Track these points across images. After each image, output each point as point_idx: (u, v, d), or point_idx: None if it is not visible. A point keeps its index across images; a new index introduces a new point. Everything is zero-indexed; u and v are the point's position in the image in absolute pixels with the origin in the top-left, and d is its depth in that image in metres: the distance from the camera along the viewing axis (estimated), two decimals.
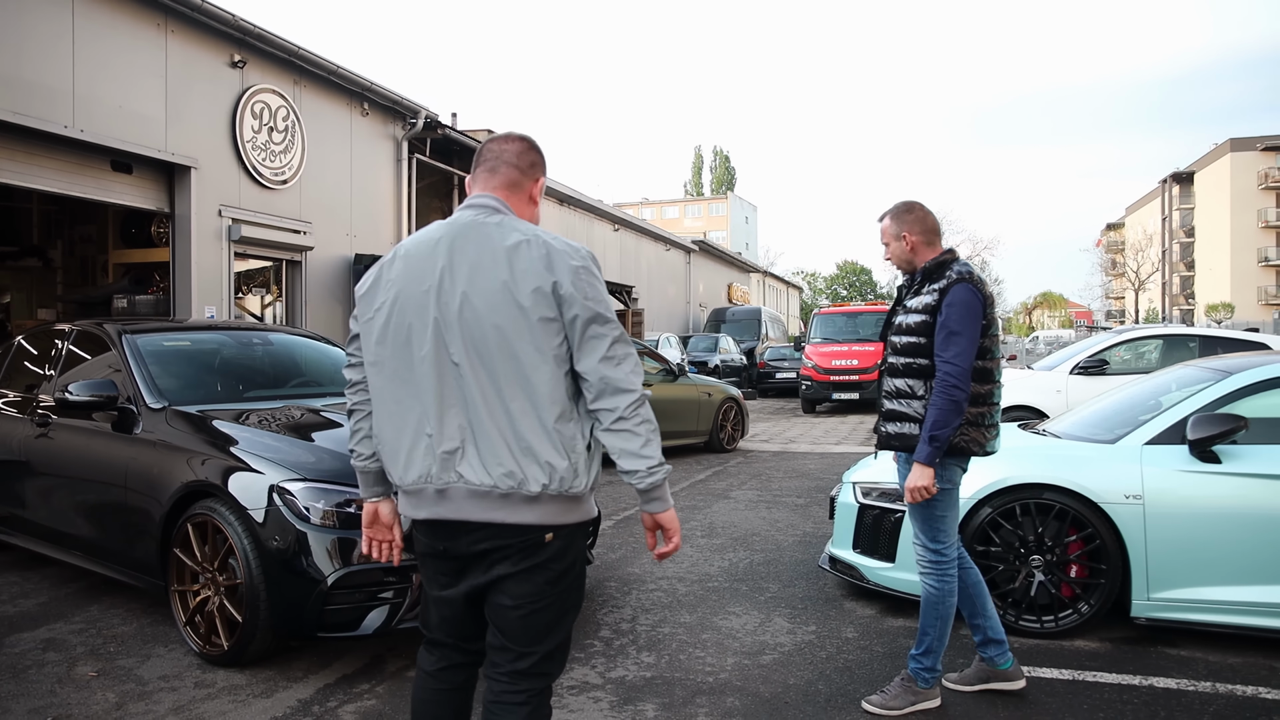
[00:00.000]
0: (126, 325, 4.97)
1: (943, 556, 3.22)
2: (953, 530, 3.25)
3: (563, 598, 2.08)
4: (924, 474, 3.08)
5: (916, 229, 3.29)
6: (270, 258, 11.31)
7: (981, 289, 3.13)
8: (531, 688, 2.07)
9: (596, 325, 1.99)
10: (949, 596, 3.22)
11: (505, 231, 2.02)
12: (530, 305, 1.95)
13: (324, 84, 11.79)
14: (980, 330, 3.08)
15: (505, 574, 2.02)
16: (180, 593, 3.91)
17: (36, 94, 8.02)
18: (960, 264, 3.21)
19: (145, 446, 4.19)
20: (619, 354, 2.00)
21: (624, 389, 1.99)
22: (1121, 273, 67.93)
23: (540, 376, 1.97)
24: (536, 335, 1.96)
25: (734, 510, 7.17)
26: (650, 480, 2.03)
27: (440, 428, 2.01)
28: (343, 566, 3.53)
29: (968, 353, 3.04)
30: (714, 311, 29.98)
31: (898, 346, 3.24)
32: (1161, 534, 3.79)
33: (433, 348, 2.01)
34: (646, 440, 2.01)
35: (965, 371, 3.03)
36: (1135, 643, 3.91)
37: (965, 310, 3.06)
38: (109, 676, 3.61)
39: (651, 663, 3.77)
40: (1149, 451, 3.93)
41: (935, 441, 3.04)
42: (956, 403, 3.03)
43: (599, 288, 2.02)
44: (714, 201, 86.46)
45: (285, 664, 3.73)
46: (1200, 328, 15.58)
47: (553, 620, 2.07)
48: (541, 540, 2.01)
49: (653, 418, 2.04)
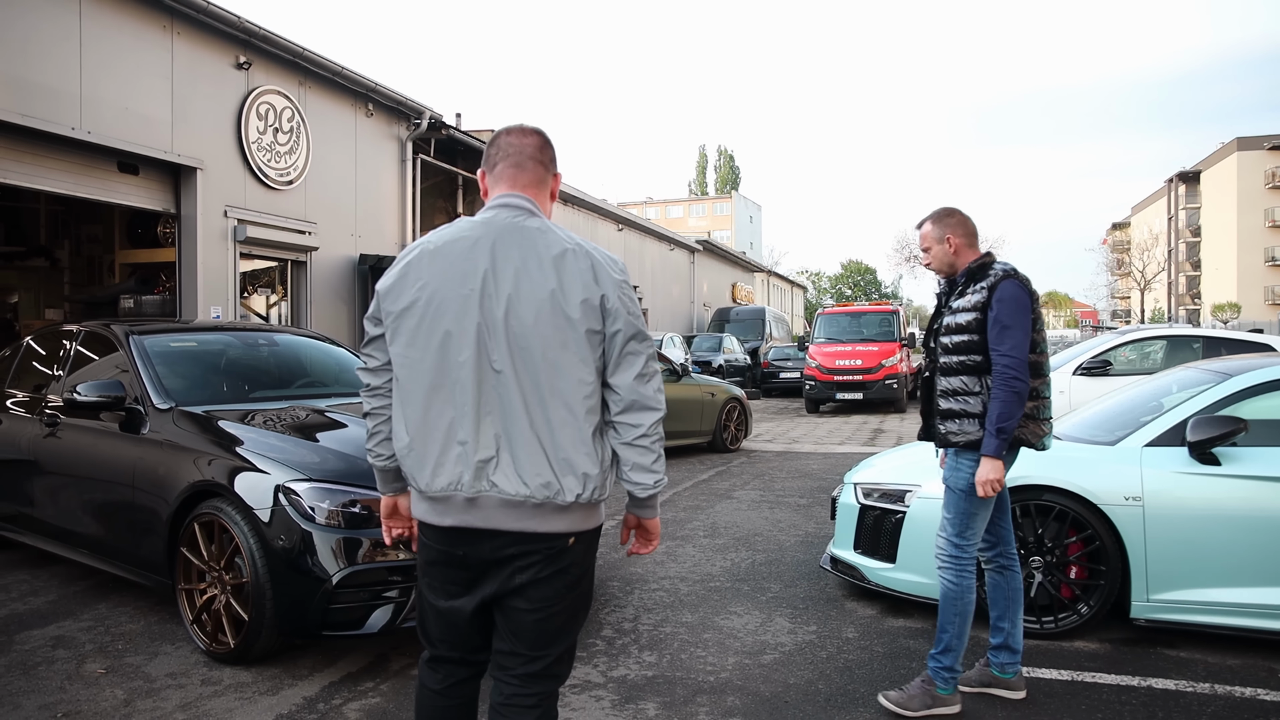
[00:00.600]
0: (134, 326, 5.01)
1: (964, 553, 3.24)
2: (981, 528, 3.26)
3: (577, 601, 2.09)
4: (994, 466, 3.10)
5: (959, 232, 3.35)
6: (275, 258, 11.37)
7: (1028, 284, 3.22)
8: (543, 690, 2.06)
9: (636, 342, 2.00)
10: (967, 593, 3.23)
11: (549, 238, 1.99)
12: (579, 317, 1.94)
13: (329, 85, 11.85)
14: (1030, 324, 3.15)
15: (526, 581, 2.00)
16: (187, 591, 3.95)
17: (43, 96, 8.08)
18: (1003, 263, 3.29)
19: (152, 446, 4.24)
20: (650, 371, 2.02)
21: (652, 407, 2.01)
22: (1127, 272, 67.75)
23: (582, 389, 1.96)
24: (582, 347, 1.95)
25: (736, 510, 7.20)
26: (652, 493, 2.08)
27: (476, 435, 1.96)
28: (347, 566, 3.56)
29: (1023, 345, 3.10)
30: (718, 311, 30.00)
31: (949, 346, 3.27)
32: (1161, 536, 3.81)
33: (474, 353, 1.95)
34: (658, 456, 2.05)
35: (1022, 362, 3.09)
36: (1134, 644, 3.93)
37: (1015, 304, 3.13)
38: (117, 674, 3.66)
39: (653, 662, 3.80)
40: (1149, 453, 3.94)
41: (1003, 433, 3.07)
42: (1018, 393, 3.08)
43: (634, 301, 2.02)
44: (718, 201, 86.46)
45: (291, 662, 3.77)
46: (1204, 328, 15.56)
47: (565, 623, 2.07)
48: (565, 546, 2.01)
49: (663, 433, 2.07)
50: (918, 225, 3.49)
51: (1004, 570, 3.42)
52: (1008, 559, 3.41)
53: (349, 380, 5.44)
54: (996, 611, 3.41)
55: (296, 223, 11.27)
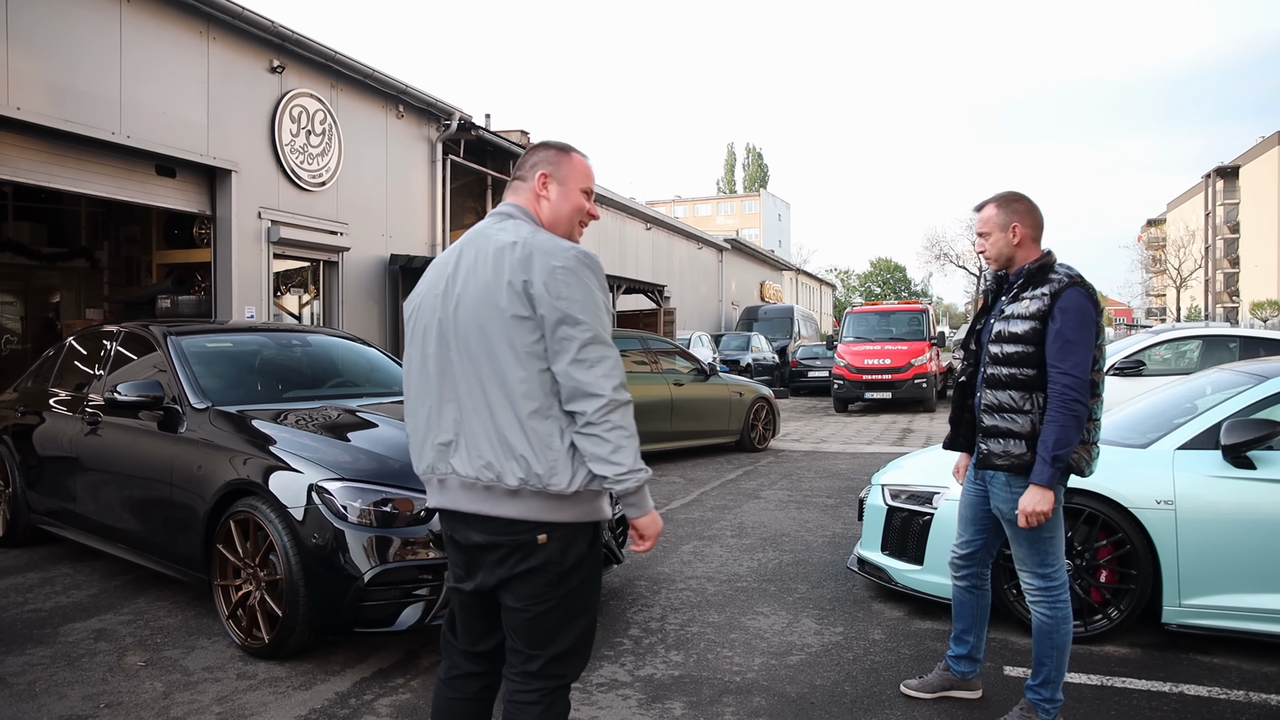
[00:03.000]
0: (172, 327, 5.13)
1: (1053, 581, 2.98)
2: (1061, 552, 3.01)
3: (567, 600, 2.09)
4: (1045, 497, 2.82)
5: (1027, 221, 3.00)
6: (308, 258, 11.53)
7: (1094, 294, 2.90)
8: (543, 688, 2.11)
9: (566, 326, 2.00)
10: (1063, 624, 2.98)
11: (502, 235, 2.11)
12: (505, 304, 2.03)
13: (360, 87, 11.99)
14: (1094, 339, 2.86)
15: (507, 576, 2.09)
16: (223, 587, 4.04)
17: (85, 102, 8.28)
18: (1065, 266, 2.95)
19: (189, 445, 4.34)
20: (590, 356, 2.00)
21: (592, 393, 1.99)
22: (1163, 269, 66.53)
23: (514, 373, 2.03)
24: (510, 332, 2.02)
25: (764, 510, 7.20)
26: (621, 487, 2.02)
27: (439, 421, 2.14)
28: (379, 564, 3.62)
29: (1086, 363, 2.80)
30: (746, 310, 29.93)
31: (1000, 356, 2.97)
32: (1193, 540, 3.77)
33: (437, 346, 2.15)
34: (617, 446, 1.99)
35: (1085, 384, 2.79)
36: (1166, 649, 3.89)
37: (1081, 317, 2.82)
38: (156, 666, 3.75)
39: (680, 661, 3.82)
40: (1181, 456, 3.90)
41: (1058, 461, 2.79)
42: (1078, 417, 2.79)
43: (577, 288, 2.01)
44: (746, 199, 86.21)
45: (323, 658, 3.85)
46: (1242, 328, 15.27)
47: (558, 622, 2.10)
48: (534, 541, 2.05)
49: (629, 424, 2.02)
50: (977, 207, 3.12)
51: (975, 590, 3.30)
52: (982, 579, 3.30)
53: (380, 380, 5.53)
54: (962, 625, 3.34)
55: (328, 223, 11.42)
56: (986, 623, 3.39)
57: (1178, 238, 63.75)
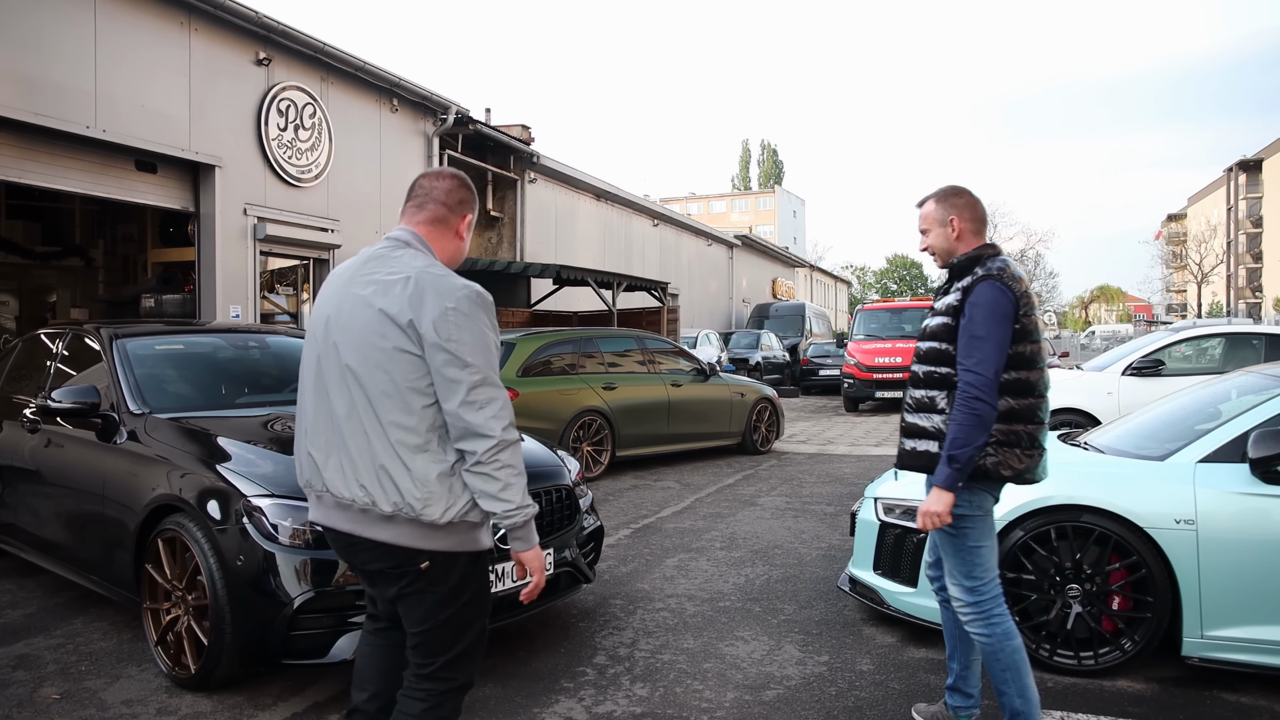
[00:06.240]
0: (120, 329, 4.82)
1: (981, 595, 2.81)
2: (990, 564, 2.83)
3: (460, 615, 2.18)
4: (941, 499, 2.69)
5: (967, 215, 2.90)
6: (297, 256, 11.25)
7: (1013, 287, 2.73)
8: (433, 689, 2.21)
9: (455, 369, 2.03)
10: (1005, 640, 2.77)
11: (396, 265, 2.13)
12: (392, 338, 2.06)
13: (352, 80, 11.70)
14: (1010, 335, 2.70)
15: (397, 595, 2.19)
16: (152, 610, 3.72)
17: (58, 95, 8.01)
18: (995, 260, 2.81)
19: (123, 456, 4.02)
20: (480, 399, 2.03)
21: (481, 434, 2.03)
22: (1183, 265, 65.41)
23: (394, 405, 2.06)
24: (394, 366, 2.06)
25: (759, 519, 6.83)
26: (508, 522, 2.09)
27: (314, 438, 2.20)
28: (311, 588, 3.30)
29: (992, 359, 2.66)
30: (757, 307, 29.50)
31: (920, 353, 2.90)
32: (1217, 564, 3.37)
33: (316, 368, 2.20)
34: (505, 485, 2.05)
35: (990, 382, 2.65)
36: (1187, 685, 3.49)
37: (991, 311, 2.68)
38: (72, 700, 3.44)
39: (644, 696, 3.47)
40: (1203, 470, 3.50)
41: (954, 462, 2.65)
42: (979, 417, 2.64)
43: (467, 330, 2.04)
44: (761, 195, 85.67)
45: (256, 690, 3.52)
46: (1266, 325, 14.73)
47: (451, 636, 2.18)
48: (417, 568, 2.12)
49: (517, 463, 2.08)
50: (919, 203, 3.02)
51: (949, 605, 3.04)
52: None
53: None
54: (948, 649, 3.07)
55: (319, 220, 11.14)
56: (971, 647, 3.01)
57: (1199, 233, 62.60)
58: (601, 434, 8.93)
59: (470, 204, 2.32)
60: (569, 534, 4.10)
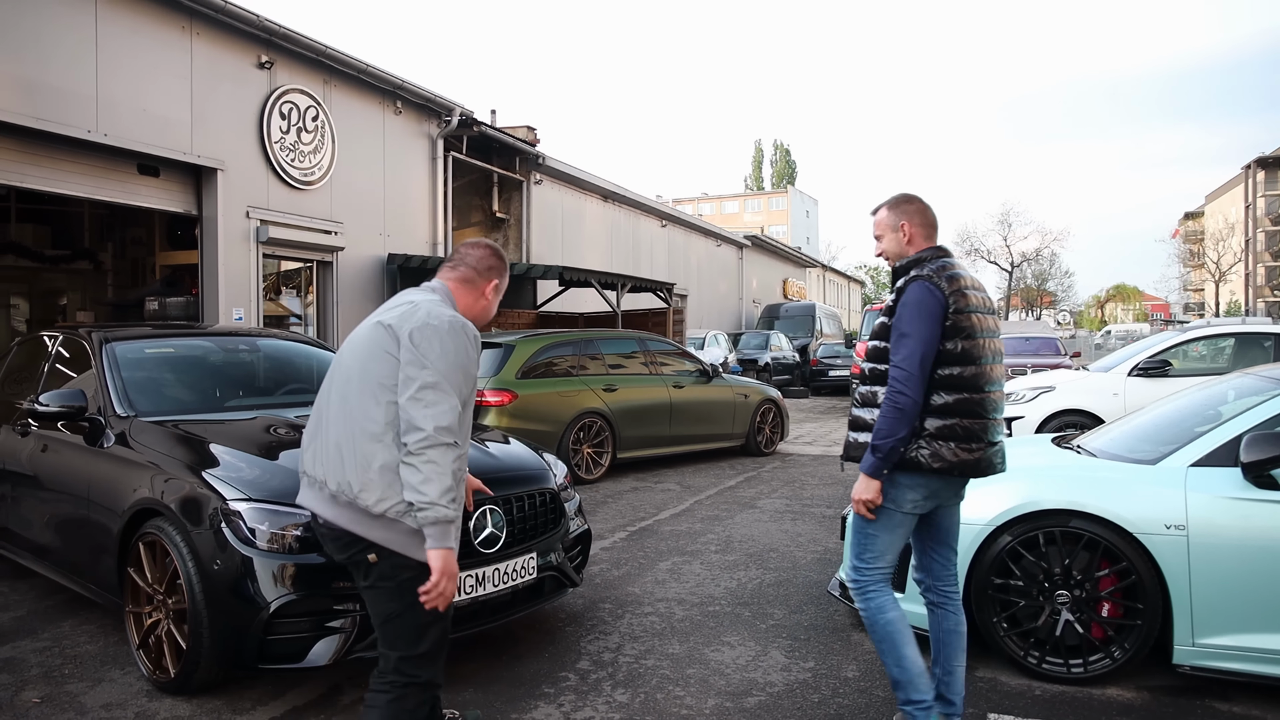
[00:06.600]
0: (110, 332, 4.82)
1: (863, 576, 2.97)
2: (882, 553, 2.96)
3: (409, 616, 2.35)
4: (866, 486, 2.85)
5: (917, 220, 3.02)
6: (300, 258, 11.28)
7: (942, 287, 2.84)
8: (394, 682, 2.38)
9: (414, 368, 2.30)
10: (877, 615, 2.94)
11: (414, 298, 2.49)
12: (382, 343, 2.37)
13: (354, 83, 11.72)
14: (937, 332, 2.81)
15: (361, 589, 2.43)
16: (135, 614, 3.72)
17: (59, 99, 8.05)
18: (934, 262, 2.92)
19: (108, 459, 4.02)
20: (426, 398, 2.27)
21: (418, 427, 2.25)
22: (1201, 264, 64.71)
23: (366, 395, 2.34)
24: (375, 363, 2.36)
25: (756, 522, 6.78)
26: (422, 515, 2.25)
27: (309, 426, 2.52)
28: (289, 593, 3.27)
29: (915, 355, 2.79)
30: (767, 308, 29.41)
31: (867, 351, 3.06)
32: (1209, 571, 3.30)
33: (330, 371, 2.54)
34: (427, 478, 2.23)
35: (912, 376, 2.79)
36: (1178, 694, 3.42)
37: (917, 309, 2.82)
38: (51, 704, 3.43)
39: (624, 703, 3.43)
40: (1195, 474, 3.43)
41: (877, 451, 2.81)
42: (901, 410, 2.78)
43: (436, 344, 2.32)
44: (774, 195, 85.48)
45: (235, 694, 3.51)
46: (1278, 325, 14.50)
47: (406, 630, 2.37)
48: (366, 560, 2.36)
49: (446, 464, 2.25)
50: (873, 211, 3.15)
51: (933, 608, 3.08)
52: (938, 595, 3.07)
53: None
54: (932, 654, 3.06)
55: (322, 223, 11.17)
56: (955, 653, 3.01)
57: (1216, 231, 61.94)
58: (602, 436, 8.90)
59: (498, 271, 2.66)
60: (553, 538, 4.06)
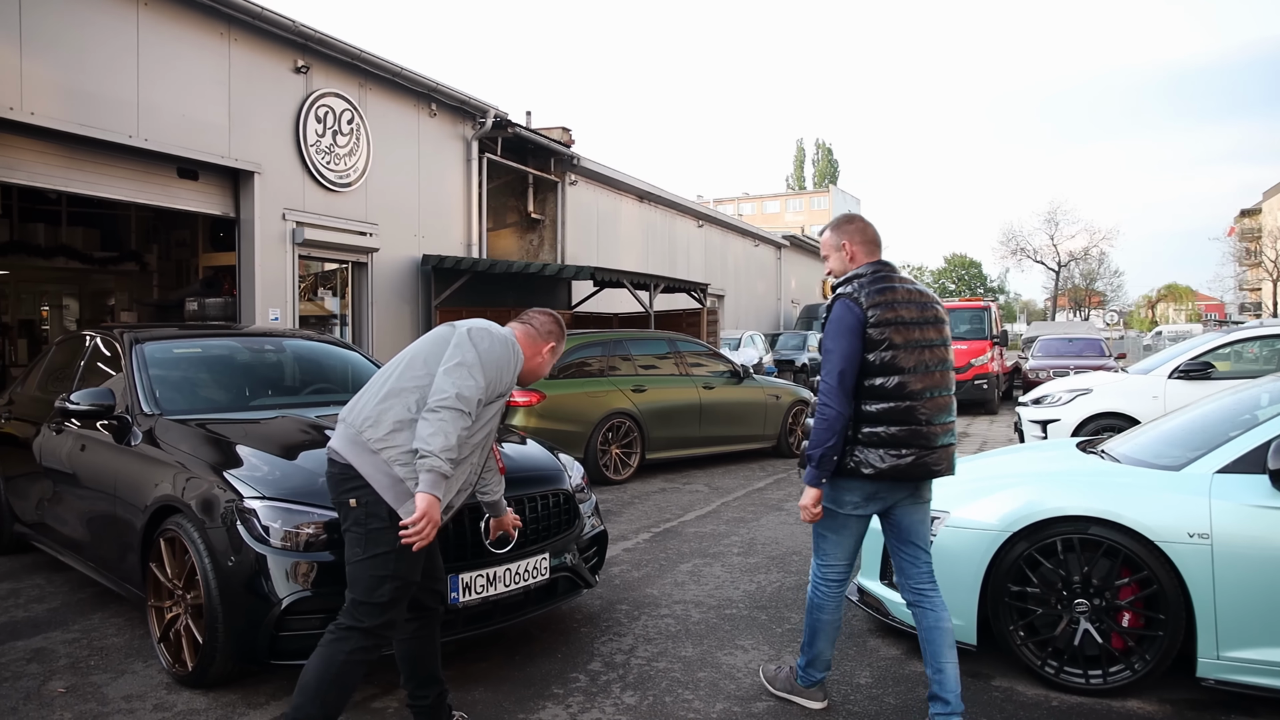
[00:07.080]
0: (140, 333, 4.94)
1: (816, 575, 3.26)
2: (833, 553, 3.20)
3: (368, 565, 2.66)
4: (806, 494, 3.07)
5: (858, 239, 3.20)
6: (335, 260, 11.45)
7: (861, 302, 3.01)
8: (340, 624, 2.68)
9: (457, 351, 2.72)
10: (815, 610, 3.25)
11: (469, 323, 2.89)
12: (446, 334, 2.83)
13: (390, 86, 11.87)
14: (857, 346, 2.97)
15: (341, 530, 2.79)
16: (156, 608, 3.80)
17: (102, 106, 8.28)
18: (861, 278, 3.07)
19: (134, 457, 4.12)
20: (458, 373, 2.67)
21: (442, 389, 2.64)
22: (1258, 262, 62.69)
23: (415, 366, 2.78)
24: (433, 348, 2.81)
25: (781, 525, 6.72)
26: (422, 462, 2.57)
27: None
28: (301, 589, 3.32)
29: (835, 369, 2.97)
30: (805, 308, 29.15)
31: None
32: (1234, 581, 3.19)
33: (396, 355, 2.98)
34: (435, 432, 2.58)
35: (833, 389, 2.97)
36: (1202, 708, 3.31)
37: (837, 326, 3.02)
38: (75, 694, 3.53)
39: (632, 705, 3.42)
40: (1220, 481, 3.32)
41: (810, 460, 3.01)
42: (826, 420, 2.96)
43: (483, 344, 2.74)
44: (816, 195, 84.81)
45: (251, 688, 3.57)
46: None
47: (359, 576, 2.68)
48: (348, 503, 2.70)
49: (454, 426, 2.59)
50: (820, 233, 3.39)
51: (914, 607, 3.15)
52: (914, 593, 3.16)
53: (359, 387, 5.24)
54: (922, 654, 3.11)
55: (357, 224, 11.33)
56: (941, 650, 3.03)
57: (1274, 228, 59.96)
58: (630, 436, 8.90)
59: (556, 336, 3.04)
60: (568, 538, 4.07)
